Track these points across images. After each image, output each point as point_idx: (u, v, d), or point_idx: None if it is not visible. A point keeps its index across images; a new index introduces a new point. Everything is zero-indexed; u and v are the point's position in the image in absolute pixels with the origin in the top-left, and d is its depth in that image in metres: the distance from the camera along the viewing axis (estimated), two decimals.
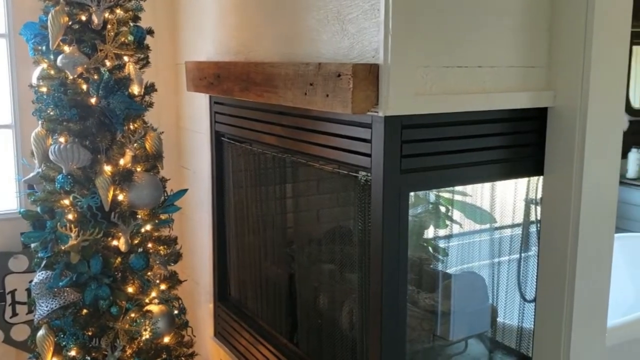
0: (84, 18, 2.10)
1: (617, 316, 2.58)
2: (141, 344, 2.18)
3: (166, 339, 2.29)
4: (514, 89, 1.74)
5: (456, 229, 2.11)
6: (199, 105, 2.74)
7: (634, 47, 4.46)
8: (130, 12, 2.18)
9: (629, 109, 4.44)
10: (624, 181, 4.29)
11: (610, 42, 1.72)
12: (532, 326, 1.93)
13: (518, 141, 1.80)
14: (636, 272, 3.68)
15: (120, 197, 2.12)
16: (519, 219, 2.05)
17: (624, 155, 4.28)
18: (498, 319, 2.13)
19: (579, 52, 1.70)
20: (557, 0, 1.75)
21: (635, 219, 4.27)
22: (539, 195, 1.88)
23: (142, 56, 2.24)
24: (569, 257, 1.77)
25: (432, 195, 2.10)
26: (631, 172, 4.33)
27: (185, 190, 2.34)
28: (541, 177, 1.86)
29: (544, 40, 1.77)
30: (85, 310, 2.12)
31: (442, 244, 2.15)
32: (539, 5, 1.75)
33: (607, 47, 1.71)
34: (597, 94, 1.71)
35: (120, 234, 2.14)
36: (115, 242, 2.16)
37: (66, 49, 2.09)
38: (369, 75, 1.53)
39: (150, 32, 2.24)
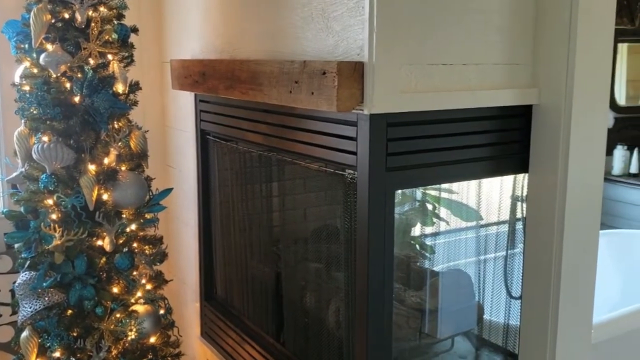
0: (67, 16, 2.08)
1: (604, 313, 2.60)
2: (127, 345, 2.16)
3: (152, 339, 2.27)
4: (499, 87, 1.74)
5: (443, 226, 2.11)
6: (184, 103, 2.72)
7: (619, 45, 4.50)
8: (114, 10, 2.16)
9: (614, 106, 4.47)
10: (609, 178, 4.32)
11: (594, 39, 1.73)
12: (518, 323, 1.93)
13: (503, 139, 1.80)
14: (622, 269, 3.72)
15: (105, 197, 2.10)
16: (505, 216, 2.06)
17: (610, 152, 4.32)
18: (484, 317, 2.14)
19: (563, 50, 1.71)
20: None
21: (620, 216, 4.30)
22: (525, 193, 1.89)
23: (127, 54, 2.22)
24: (555, 254, 1.78)
25: (418, 192, 2.10)
26: (616, 169, 4.37)
27: (171, 189, 2.33)
28: (526, 175, 1.87)
29: (528, 38, 1.78)
30: (69, 311, 2.10)
31: (428, 241, 2.15)
32: (524, 3, 1.75)
33: (591, 44, 1.72)
34: (582, 91, 1.72)
35: (105, 233, 2.12)
36: (100, 242, 2.14)
37: (49, 47, 2.06)
38: (354, 73, 1.53)
39: (134, 30, 2.22)
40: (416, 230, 2.17)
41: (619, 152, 4.34)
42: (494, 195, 2.03)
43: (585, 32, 1.70)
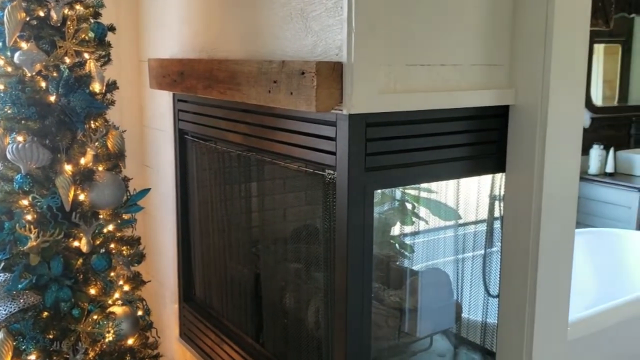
0: (42, 14, 2.05)
1: (580, 310, 2.64)
2: (104, 347, 2.14)
3: (130, 341, 2.25)
4: (476, 87, 1.75)
5: (422, 225, 2.12)
6: (162, 103, 2.70)
7: (595, 46, 4.56)
8: (91, 9, 2.13)
9: (590, 106, 4.54)
10: (585, 177, 4.38)
11: (570, 40, 1.75)
12: (496, 321, 1.95)
13: (481, 139, 1.82)
14: (599, 267, 3.77)
15: (82, 197, 2.08)
16: (483, 215, 2.08)
17: (586, 151, 4.38)
18: (463, 315, 2.16)
19: (539, 51, 1.72)
20: None
21: (596, 214, 4.36)
22: (502, 192, 1.91)
23: (104, 53, 2.20)
24: (531, 252, 1.80)
25: (398, 192, 2.11)
26: (593, 169, 4.43)
27: (148, 189, 2.31)
28: (504, 174, 1.88)
29: (505, 39, 1.79)
30: (45, 313, 2.08)
31: (408, 240, 2.16)
32: (501, 5, 1.77)
33: (567, 45, 1.74)
34: (558, 92, 1.74)
35: (81, 234, 2.09)
36: (76, 243, 2.11)
37: (24, 45, 2.04)
38: (332, 73, 1.53)
39: (111, 28, 2.20)
40: (396, 230, 2.18)
41: (595, 151, 4.40)
42: (472, 194, 2.05)
43: (561, 33, 1.72)
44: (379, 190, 1.87)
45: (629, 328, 3.01)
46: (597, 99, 4.69)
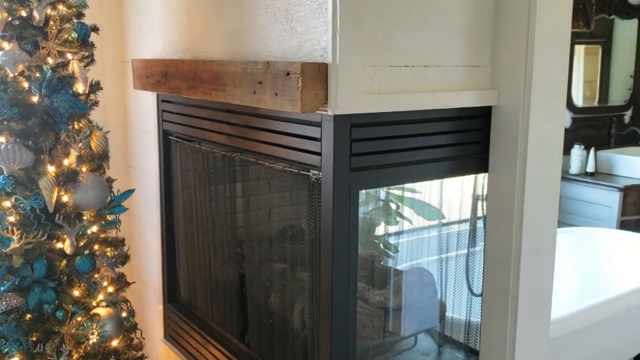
0: (24, 14, 2.04)
1: (562, 309, 2.67)
2: (88, 348, 2.13)
3: (114, 343, 2.24)
4: (459, 88, 1.77)
5: (406, 225, 2.14)
6: (146, 103, 2.69)
7: (576, 47, 4.62)
8: (74, 9, 2.12)
9: (571, 106, 4.59)
10: (566, 177, 4.43)
11: (552, 42, 1.77)
12: (480, 320, 1.97)
13: (464, 139, 1.84)
14: (580, 266, 3.82)
15: (65, 198, 2.07)
16: (467, 215, 2.10)
17: (567, 151, 4.43)
18: (447, 314, 2.18)
19: (521, 52, 1.75)
20: (500, 0, 1.79)
21: (578, 214, 4.42)
22: (485, 192, 1.93)
23: (87, 54, 2.19)
24: (514, 251, 1.82)
25: (382, 192, 2.12)
26: (574, 168, 4.48)
27: (133, 190, 2.30)
28: (487, 174, 1.90)
29: (488, 40, 1.81)
30: (29, 315, 2.06)
31: (392, 240, 2.18)
32: (483, 6, 1.79)
33: (548, 47, 1.76)
34: (540, 93, 1.76)
35: (65, 236, 2.08)
36: (60, 245, 2.10)
37: (6, 45, 2.02)
38: (317, 74, 1.54)
39: (95, 29, 2.18)
40: (380, 230, 2.19)
41: (576, 151, 4.45)
42: (456, 194, 2.06)
43: (542, 34, 1.74)
44: (364, 191, 1.88)
45: (609, 326, 3.06)
46: (578, 100, 4.74)
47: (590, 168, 4.45)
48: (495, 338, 1.90)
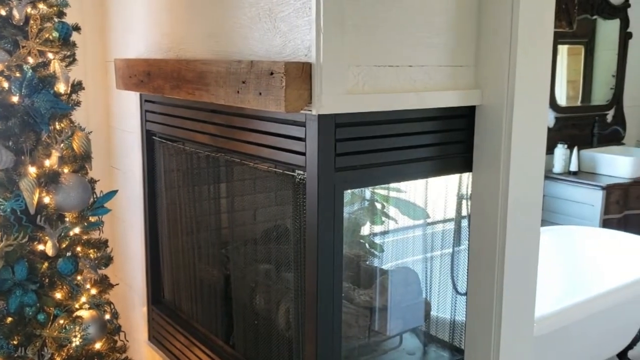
0: (4, 13, 2.01)
1: (546, 307, 2.69)
2: (71, 351, 2.11)
3: (98, 345, 2.22)
4: (443, 88, 1.78)
5: (392, 225, 2.14)
6: (129, 103, 2.67)
7: (559, 47, 4.66)
8: (55, 8, 2.10)
9: (555, 106, 4.62)
10: (550, 176, 4.47)
11: (535, 41, 1.78)
12: (465, 319, 1.98)
13: (448, 139, 1.84)
14: (564, 264, 3.85)
15: (47, 200, 2.05)
16: (451, 214, 2.10)
17: (551, 151, 4.46)
18: (432, 313, 2.18)
19: (504, 52, 1.75)
20: (483, 0, 1.80)
21: (561, 212, 4.45)
22: (469, 191, 1.93)
23: (68, 53, 2.17)
24: (498, 250, 1.83)
25: (367, 192, 2.12)
26: (557, 167, 4.51)
27: (116, 191, 2.28)
28: (471, 174, 1.91)
29: (471, 40, 1.82)
30: (9, 319, 2.03)
31: (377, 240, 2.18)
32: (467, 7, 1.79)
33: (531, 46, 1.77)
34: (523, 92, 1.77)
35: (47, 238, 2.06)
36: (41, 247, 2.07)
37: None
38: (301, 74, 1.53)
39: (76, 28, 2.16)
40: (365, 229, 2.19)
41: (560, 150, 4.49)
42: (441, 194, 2.07)
43: (525, 34, 1.75)
44: (349, 190, 1.88)
45: (592, 323, 3.09)
46: (561, 99, 4.78)
47: (573, 167, 4.49)
48: (480, 336, 1.91)
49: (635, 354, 3.69)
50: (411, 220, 2.16)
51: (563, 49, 4.76)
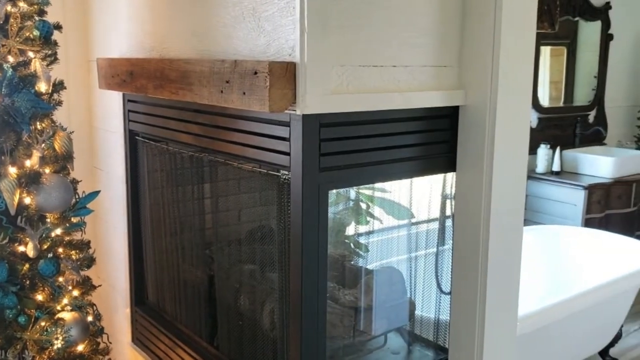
0: None
1: (529, 305, 2.71)
2: (52, 354, 2.08)
3: (80, 347, 2.20)
4: (427, 88, 1.78)
5: (377, 225, 2.14)
6: (112, 103, 2.65)
7: (542, 48, 4.70)
8: (35, 6, 2.07)
9: (537, 106, 4.66)
10: (533, 176, 4.50)
11: (517, 42, 1.79)
12: (449, 318, 1.99)
13: (432, 139, 1.84)
14: (546, 263, 3.88)
15: (28, 200, 2.02)
16: (435, 214, 2.11)
17: (534, 151, 4.50)
18: (416, 312, 2.19)
19: (488, 53, 1.76)
20: (467, 1, 1.81)
21: (544, 212, 4.49)
22: (453, 191, 1.94)
23: (50, 52, 2.14)
24: (481, 249, 1.84)
25: (352, 192, 2.12)
26: (540, 167, 4.55)
27: (98, 192, 2.26)
28: (455, 174, 1.92)
29: (455, 41, 1.82)
30: None
31: (362, 240, 2.18)
32: (450, 7, 1.80)
33: (514, 47, 1.78)
34: (506, 93, 1.78)
35: (27, 239, 2.03)
36: (22, 248, 2.05)
37: None
38: (286, 74, 1.52)
39: (57, 27, 2.14)
40: (350, 229, 2.19)
41: (543, 150, 4.52)
42: (425, 193, 2.07)
43: (508, 35, 1.76)
44: (334, 190, 1.88)
45: (575, 322, 3.12)
46: (544, 100, 4.82)
47: (556, 167, 4.53)
48: (464, 335, 1.92)
49: (617, 351, 3.73)
50: (396, 220, 2.16)
51: (546, 50, 4.80)
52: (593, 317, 3.26)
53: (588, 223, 4.28)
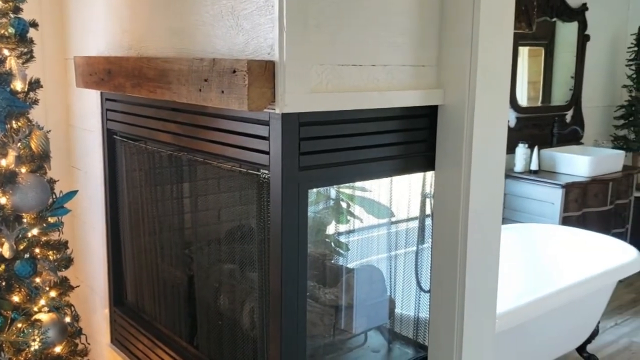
0: None
1: (507, 303, 2.74)
2: (29, 356, 2.06)
3: (58, 349, 2.18)
4: (406, 87, 1.79)
5: (357, 224, 2.14)
6: (90, 102, 2.62)
7: (520, 48, 4.74)
8: (10, 3, 2.05)
9: (515, 106, 4.71)
10: (511, 175, 4.55)
11: (495, 43, 1.81)
12: (428, 316, 2.00)
13: (411, 138, 1.86)
14: (524, 261, 3.92)
15: (3, 200, 1.99)
16: (415, 213, 2.12)
17: (512, 150, 4.54)
18: (396, 311, 2.20)
19: (466, 52, 1.78)
20: (445, 2, 1.82)
21: (522, 210, 4.54)
22: (433, 190, 1.95)
23: (25, 50, 2.12)
24: (460, 248, 1.85)
25: (332, 191, 2.13)
26: (518, 166, 4.59)
27: (76, 191, 2.24)
28: (434, 172, 1.93)
29: (433, 41, 1.84)
30: None
31: (343, 238, 2.18)
32: (429, 7, 1.81)
33: (492, 47, 1.80)
34: (484, 92, 1.79)
35: (3, 239, 2.01)
36: None
37: None
38: (264, 72, 1.52)
39: (33, 24, 2.12)
40: (331, 228, 2.20)
41: (521, 150, 4.57)
42: (405, 192, 2.08)
43: (486, 35, 1.77)
44: (314, 190, 1.88)
45: (552, 319, 3.15)
46: (522, 100, 4.87)
47: (534, 166, 4.58)
48: (443, 333, 1.93)
49: (594, 347, 3.79)
50: (376, 219, 2.17)
51: (524, 51, 4.85)
52: (570, 314, 3.30)
53: (565, 221, 4.34)
